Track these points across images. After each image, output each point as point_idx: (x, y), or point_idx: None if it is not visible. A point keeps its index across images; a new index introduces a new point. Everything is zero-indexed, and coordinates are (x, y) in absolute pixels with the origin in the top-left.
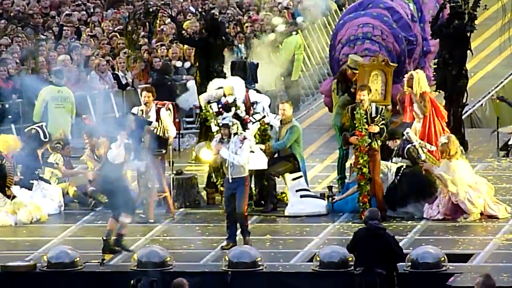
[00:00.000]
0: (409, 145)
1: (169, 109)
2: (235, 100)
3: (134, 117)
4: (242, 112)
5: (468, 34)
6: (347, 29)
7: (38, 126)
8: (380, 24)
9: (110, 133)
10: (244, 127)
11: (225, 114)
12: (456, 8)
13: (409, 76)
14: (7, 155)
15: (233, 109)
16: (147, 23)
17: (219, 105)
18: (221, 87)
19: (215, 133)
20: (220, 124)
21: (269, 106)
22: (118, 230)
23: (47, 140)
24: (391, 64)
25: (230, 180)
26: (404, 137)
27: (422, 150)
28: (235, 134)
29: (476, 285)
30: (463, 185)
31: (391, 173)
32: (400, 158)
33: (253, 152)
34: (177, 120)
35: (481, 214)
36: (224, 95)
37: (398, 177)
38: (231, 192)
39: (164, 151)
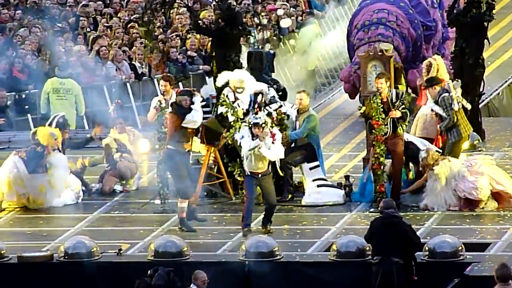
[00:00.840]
0: (446, 94)
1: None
2: (271, 100)
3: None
4: (273, 111)
5: (486, 24)
6: (363, 14)
7: (58, 117)
8: (396, 9)
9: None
10: (272, 124)
11: (259, 113)
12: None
13: (427, 63)
14: (48, 148)
15: (269, 107)
16: (163, 14)
17: (255, 105)
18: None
19: (232, 123)
20: (252, 123)
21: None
22: (179, 214)
23: (66, 129)
24: (387, 54)
25: (260, 174)
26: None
27: (457, 101)
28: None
29: (495, 273)
30: (457, 179)
31: None
32: (437, 105)
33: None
34: None
35: (495, 194)
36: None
37: None
38: (253, 185)
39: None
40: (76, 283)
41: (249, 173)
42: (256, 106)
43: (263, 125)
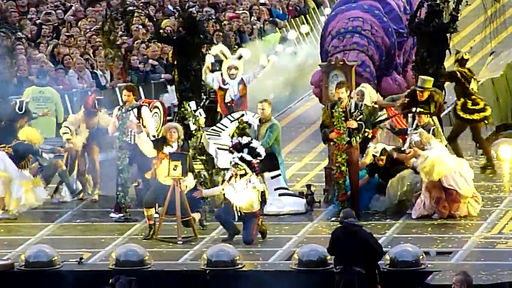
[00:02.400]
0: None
1: (157, 106)
2: (249, 143)
3: None
4: (247, 155)
5: (448, 35)
6: (337, 21)
7: (19, 100)
8: (371, 17)
9: None
10: (253, 170)
11: (234, 154)
12: (434, 7)
13: (358, 92)
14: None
15: (245, 150)
16: (124, 22)
17: (232, 145)
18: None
19: (193, 132)
20: (232, 164)
21: None
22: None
23: (22, 113)
24: (348, 63)
25: (240, 214)
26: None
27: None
28: (242, 175)
29: (455, 283)
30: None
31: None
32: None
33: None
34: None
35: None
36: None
37: None
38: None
39: None
40: None
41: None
42: (231, 146)
43: (238, 167)
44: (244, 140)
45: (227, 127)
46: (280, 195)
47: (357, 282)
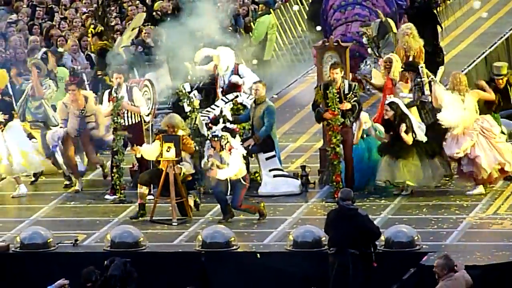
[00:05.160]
0: (419, 79)
1: (146, 85)
2: (221, 112)
3: None
4: (230, 124)
5: (435, 10)
6: None
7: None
8: None
9: None
10: (234, 136)
11: (214, 128)
12: None
13: (386, 60)
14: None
15: (221, 120)
16: (117, 6)
17: (208, 120)
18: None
19: (188, 113)
20: (210, 137)
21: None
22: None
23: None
24: (343, 44)
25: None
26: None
27: (429, 86)
28: (226, 144)
29: (436, 267)
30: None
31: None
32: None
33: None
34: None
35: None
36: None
37: None
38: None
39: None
40: (32, 274)
41: None
42: (208, 121)
43: (221, 138)
44: (217, 111)
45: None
46: (274, 176)
47: (351, 264)
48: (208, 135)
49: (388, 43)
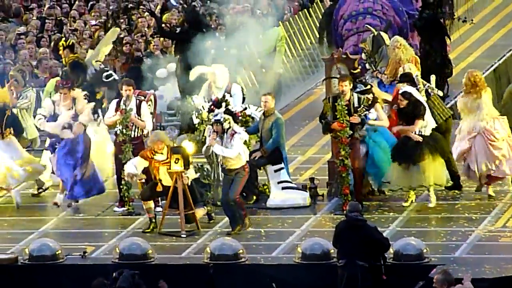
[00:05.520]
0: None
1: (150, 99)
2: (224, 96)
3: None
4: (233, 107)
5: (442, 21)
6: (348, 4)
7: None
8: None
9: None
10: (236, 121)
11: (216, 111)
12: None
13: None
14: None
15: (223, 104)
16: (126, 19)
17: (210, 103)
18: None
19: (196, 126)
20: (213, 120)
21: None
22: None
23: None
24: (351, 56)
25: (226, 171)
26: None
27: (425, 94)
28: (228, 129)
29: (436, 282)
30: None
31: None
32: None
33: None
34: (157, 112)
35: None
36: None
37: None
38: (228, 180)
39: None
40: (41, 286)
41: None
42: (210, 104)
43: (224, 122)
44: (220, 94)
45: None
46: (283, 188)
47: (360, 276)
48: (210, 119)
49: (383, 55)
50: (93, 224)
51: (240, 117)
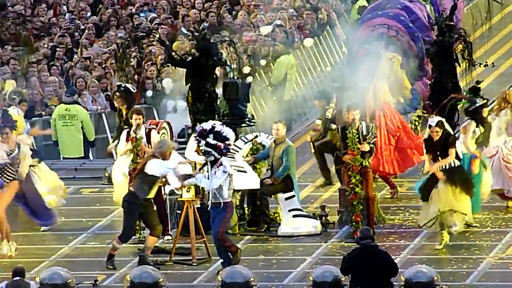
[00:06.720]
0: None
1: (164, 127)
2: (213, 128)
3: None
4: (213, 140)
5: (451, 47)
6: (364, 29)
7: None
8: (396, 24)
9: None
10: (221, 154)
11: (201, 142)
12: (438, 25)
13: None
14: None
15: (211, 135)
16: (136, 48)
17: (196, 134)
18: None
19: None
20: (202, 152)
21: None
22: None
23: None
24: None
25: (210, 206)
26: None
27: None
28: (213, 161)
29: None
30: None
31: None
32: None
33: (245, 172)
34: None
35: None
36: None
37: None
38: (213, 215)
39: None
40: None
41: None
42: (196, 135)
43: (205, 154)
44: (207, 125)
45: (241, 148)
46: (294, 216)
47: None
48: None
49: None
50: (104, 252)
51: (223, 150)
